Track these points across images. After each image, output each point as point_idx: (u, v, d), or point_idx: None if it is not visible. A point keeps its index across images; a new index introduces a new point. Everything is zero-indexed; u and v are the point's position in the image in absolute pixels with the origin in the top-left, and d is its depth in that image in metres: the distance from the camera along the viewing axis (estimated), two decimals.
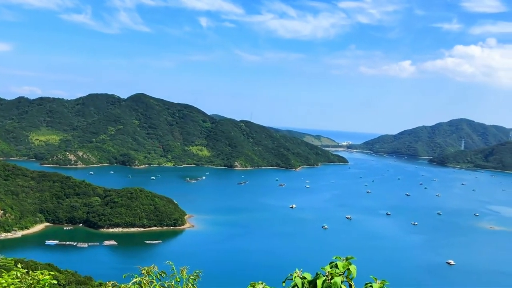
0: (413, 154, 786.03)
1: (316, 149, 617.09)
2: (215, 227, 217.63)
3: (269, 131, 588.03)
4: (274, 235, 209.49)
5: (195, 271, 11.45)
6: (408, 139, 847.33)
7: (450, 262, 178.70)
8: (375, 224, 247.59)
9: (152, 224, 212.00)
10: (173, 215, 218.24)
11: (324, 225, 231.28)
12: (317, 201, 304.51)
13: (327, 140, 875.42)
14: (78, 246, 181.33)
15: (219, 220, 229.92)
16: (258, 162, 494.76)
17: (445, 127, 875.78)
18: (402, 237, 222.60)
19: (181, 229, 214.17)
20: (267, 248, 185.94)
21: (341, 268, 8.04)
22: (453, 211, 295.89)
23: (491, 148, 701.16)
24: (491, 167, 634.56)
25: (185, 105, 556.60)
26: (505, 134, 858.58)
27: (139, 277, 10.73)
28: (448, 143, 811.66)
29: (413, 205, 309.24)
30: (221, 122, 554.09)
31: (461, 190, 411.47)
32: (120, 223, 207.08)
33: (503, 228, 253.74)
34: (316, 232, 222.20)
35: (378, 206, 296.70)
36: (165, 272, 11.04)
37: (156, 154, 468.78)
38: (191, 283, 11.26)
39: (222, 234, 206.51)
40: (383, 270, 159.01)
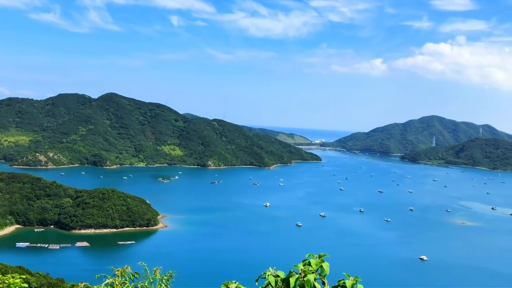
0: (385, 151, 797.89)
1: (290, 147, 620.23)
2: (188, 227, 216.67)
3: (242, 130, 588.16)
4: (248, 234, 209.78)
5: (168, 271, 11.38)
6: (380, 137, 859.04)
7: (422, 258, 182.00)
8: (349, 221, 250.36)
9: (124, 225, 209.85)
10: (146, 215, 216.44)
11: (298, 223, 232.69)
12: (291, 199, 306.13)
13: (300, 138, 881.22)
14: (50, 248, 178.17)
15: (192, 220, 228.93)
16: (232, 161, 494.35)
17: (417, 124, 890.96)
18: (375, 233, 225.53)
19: (154, 229, 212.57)
20: (241, 247, 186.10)
21: (314, 266, 8.11)
22: (425, 207, 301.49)
23: (462, 144, 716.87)
24: (462, 163, 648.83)
25: (157, 104, 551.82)
26: (475, 130, 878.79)
27: (112, 278, 10.58)
28: (419, 140, 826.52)
29: (386, 202, 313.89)
30: (193, 121, 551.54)
31: (433, 186, 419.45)
32: (92, 224, 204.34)
33: (474, 223, 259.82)
34: (290, 230, 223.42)
35: (352, 203, 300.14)
36: (138, 273, 10.94)
37: (128, 154, 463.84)
38: (164, 283, 11.18)
39: (196, 234, 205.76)
40: (356, 266, 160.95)
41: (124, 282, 10.63)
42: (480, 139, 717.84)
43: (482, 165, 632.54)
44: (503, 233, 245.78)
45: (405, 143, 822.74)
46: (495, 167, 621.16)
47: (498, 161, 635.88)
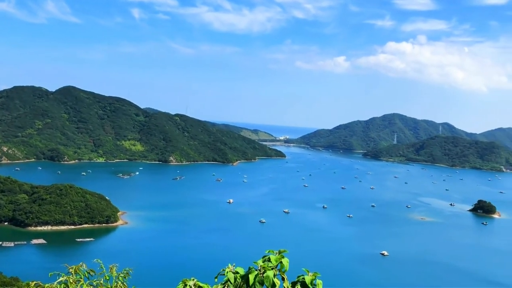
0: (348, 148, 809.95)
1: (254, 143, 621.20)
2: (149, 224, 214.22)
3: (205, 125, 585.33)
4: (210, 231, 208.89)
5: (125, 269, 11.27)
6: (343, 134, 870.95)
7: (383, 253, 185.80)
8: (312, 217, 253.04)
9: (83, 222, 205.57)
10: (105, 212, 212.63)
11: (262, 220, 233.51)
12: (254, 196, 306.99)
13: (264, 134, 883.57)
14: (4, 245, 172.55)
15: (153, 217, 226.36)
16: (194, 157, 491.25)
17: (379, 122, 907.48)
18: (338, 229, 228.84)
19: (114, 226, 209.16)
20: (203, 244, 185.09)
21: (274, 262, 8.15)
22: (386, 203, 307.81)
23: (422, 142, 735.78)
24: (422, 160, 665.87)
25: (117, 98, 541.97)
26: (435, 128, 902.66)
27: (65, 276, 10.23)
28: (381, 137, 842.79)
29: (349, 198, 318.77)
30: (155, 115, 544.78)
31: (394, 183, 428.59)
32: (49, 221, 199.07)
33: (433, 219, 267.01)
34: (254, 226, 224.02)
35: (315, 199, 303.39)
36: (94, 271, 10.72)
37: (86, 149, 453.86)
38: (121, 281, 11.02)
39: (157, 231, 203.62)
40: (319, 262, 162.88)
41: (78, 280, 10.33)
42: (440, 137, 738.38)
43: (442, 162, 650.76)
44: (461, 228, 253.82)
45: (367, 140, 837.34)
46: (453, 164, 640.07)
47: (456, 158, 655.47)
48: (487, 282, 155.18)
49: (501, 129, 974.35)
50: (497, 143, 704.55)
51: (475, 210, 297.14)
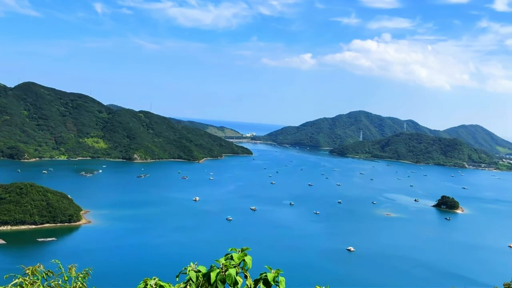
0: (315, 145, 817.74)
1: (220, 140, 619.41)
2: (113, 223, 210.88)
3: (170, 122, 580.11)
4: (176, 229, 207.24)
5: (84, 269, 10.95)
6: (310, 131, 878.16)
7: (350, 249, 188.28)
8: (279, 214, 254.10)
9: (44, 221, 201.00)
10: (67, 211, 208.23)
11: (228, 217, 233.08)
12: (221, 193, 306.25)
13: (231, 131, 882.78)
14: None
15: (117, 215, 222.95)
16: (159, 154, 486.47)
17: (345, 119, 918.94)
18: (305, 226, 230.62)
19: (77, 225, 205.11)
20: (167, 242, 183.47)
21: (237, 260, 8.17)
22: (353, 199, 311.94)
23: (387, 139, 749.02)
24: (387, 157, 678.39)
25: (79, 95, 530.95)
26: (399, 125, 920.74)
27: (21, 278, 9.78)
28: (347, 134, 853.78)
29: (316, 195, 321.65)
30: (118, 112, 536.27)
31: (360, 179, 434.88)
32: (8, 220, 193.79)
33: (398, 215, 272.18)
34: (220, 224, 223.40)
35: (282, 196, 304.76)
36: (52, 271, 10.37)
37: (48, 147, 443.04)
38: (80, 281, 10.74)
39: (121, 230, 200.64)
40: (286, 258, 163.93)
41: (35, 282, 9.91)
42: (404, 134, 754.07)
43: (406, 159, 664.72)
44: (425, 224, 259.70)
45: (334, 137, 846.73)
46: (418, 160, 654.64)
47: (420, 155, 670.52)
48: (449, 275, 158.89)
49: (463, 126, 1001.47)
50: (460, 140, 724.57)
51: (439, 205, 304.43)
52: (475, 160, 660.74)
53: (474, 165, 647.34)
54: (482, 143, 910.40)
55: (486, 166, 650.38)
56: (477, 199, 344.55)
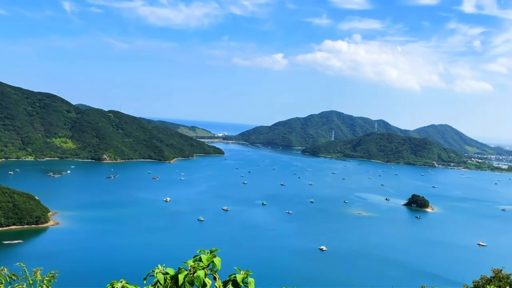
0: (287, 144, 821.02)
1: (191, 140, 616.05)
2: (82, 224, 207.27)
3: (140, 122, 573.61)
4: (146, 230, 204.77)
5: (50, 272, 10.75)
6: (282, 130, 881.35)
7: (322, 248, 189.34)
8: (251, 214, 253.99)
9: (10, 223, 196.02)
10: (35, 212, 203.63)
11: (200, 218, 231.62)
12: (192, 194, 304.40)
13: (202, 131, 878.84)
14: None
15: (87, 216, 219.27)
16: (129, 155, 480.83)
17: (317, 119, 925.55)
18: (277, 225, 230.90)
19: (45, 227, 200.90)
20: (137, 244, 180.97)
21: (205, 261, 8.09)
22: (325, 198, 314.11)
23: (359, 138, 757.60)
24: (358, 156, 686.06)
25: (47, 94, 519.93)
26: (370, 125, 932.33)
27: None
28: (319, 134, 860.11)
29: (288, 194, 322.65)
30: (87, 112, 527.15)
31: (332, 179, 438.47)
32: None
33: (369, 213, 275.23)
34: (192, 225, 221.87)
35: (254, 196, 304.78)
36: (16, 275, 10.16)
37: (14, 147, 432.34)
38: (46, 284, 10.54)
39: (90, 231, 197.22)
40: (257, 259, 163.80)
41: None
42: (375, 133, 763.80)
43: (377, 158, 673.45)
44: (396, 222, 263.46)
45: (306, 137, 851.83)
46: (388, 160, 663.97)
47: (391, 154, 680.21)
48: (420, 273, 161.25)
49: (433, 125, 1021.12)
50: (430, 140, 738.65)
51: (409, 204, 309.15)
52: (445, 159, 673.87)
53: (444, 164, 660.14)
54: (451, 142, 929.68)
55: (455, 165, 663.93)
56: (447, 198, 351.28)
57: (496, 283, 34.74)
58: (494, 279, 38.76)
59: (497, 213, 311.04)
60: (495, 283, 35.23)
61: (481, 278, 41.41)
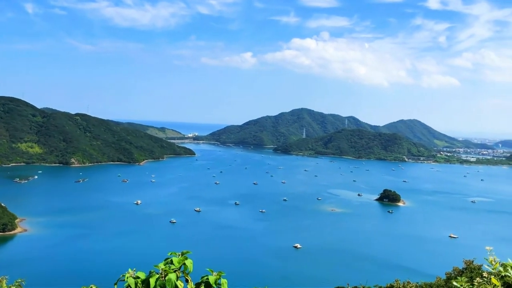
0: (259, 143, 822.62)
1: (161, 141, 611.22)
2: (51, 230, 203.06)
3: (108, 124, 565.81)
4: (117, 234, 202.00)
5: (16, 280, 10.30)
6: (253, 129, 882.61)
7: (296, 246, 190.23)
8: (224, 214, 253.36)
9: None
10: (1, 219, 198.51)
11: (172, 220, 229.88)
12: (164, 196, 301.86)
13: (172, 132, 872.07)
14: None
15: (56, 222, 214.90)
16: (98, 158, 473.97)
17: (288, 117, 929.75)
18: (251, 225, 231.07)
19: (12, 235, 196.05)
20: (108, 248, 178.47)
21: (177, 264, 8.04)
22: (298, 196, 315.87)
23: (330, 135, 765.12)
24: (330, 153, 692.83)
25: (11, 98, 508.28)
26: (341, 122, 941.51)
27: None
28: (291, 131, 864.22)
29: (261, 193, 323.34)
30: (53, 116, 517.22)
31: (304, 176, 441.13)
32: None
33: (342, 209, 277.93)
34: (164, 227, 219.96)
35: (227, 196, 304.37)
36: None
37: None
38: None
39: (59, 237, 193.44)
40: (231, 259, 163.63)
41: None
42: (346, 130, 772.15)
43: (348, 155, 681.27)
44: (369, 217, 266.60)
45: (277, 135, 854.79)
46: (360, 156, 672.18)
47: (362, 150, 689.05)
48: (394, 267, 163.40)
49: (402, 121, 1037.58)
50: (399, 135, 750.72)
51: (381, 199, 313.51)
52: (414, 154, 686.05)
53: (414, 158, 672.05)
54: (420, 137, 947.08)
55: (425, 159, 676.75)
56: (418, 192, 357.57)
57: (468, 274, 35.26)
58: (466, 270, 39.45)
59: (467, 205, 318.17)
60: (467, 274, 35.75)
61: (454, 269, 42.12)
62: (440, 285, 40.16)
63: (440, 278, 42.97)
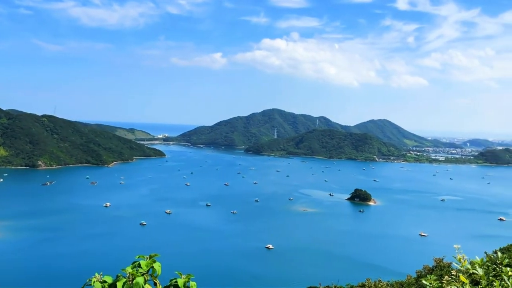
0: (230, 144, 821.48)
1: (130, 143, 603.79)
2: (17, 234, 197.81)
3: (76, 126, 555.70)
4: (85, 237, 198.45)
5: None
6: (224, 130, 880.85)
7: (268, 246, 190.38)
8: (195, 216, 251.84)
9: None
10: None
11: (142, 222, 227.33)
12: (134, 198, 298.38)
13: (141, 133, 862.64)
14: None
15: (22, 226, 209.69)
16: (66, 160, 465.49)
17: (259, 117, 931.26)
18: (222, 226, 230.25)
19: None
20: (76, 252, 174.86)
21: (144, 267, 7.93)
22: (270, 197, 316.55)
23: (301, 136, 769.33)
24: (301, 153, 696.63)
25: None
26: (312, 122, 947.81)
27: None
28: (262, 132, 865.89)
29: (232, 194, 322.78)
30: (19, 117, 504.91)
31: (276, 177, 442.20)
32: None
33: (314, 209, 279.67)
34: (134, 230, 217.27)
35: (198, 197, 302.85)
36: None
37: None
38: None
39: (25, 241, 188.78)
40: (202, 261, 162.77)
41: None
42: (317, 130, 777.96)
43: (320, 155, 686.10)
44: (340, 217, 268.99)
45: (248, 136, 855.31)
46: (331, 156, 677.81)
47: (333, 150, 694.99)
48: (365, 265, 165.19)
49: (372, 121, 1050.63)
50: (370, 135, 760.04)
51: (353, 198, 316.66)
52: (385, 153, 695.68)
53: (384, 158, 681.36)
54: (390, 136, 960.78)
55: (395, 158, 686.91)
56: (388, 191, 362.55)
57: (438, 272, 35.73)
58: (436, 268, 40.03)
59: (437, 203, 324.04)
60: (437, 272, 36.24)
61: (424, 267, 42.70)
62: (411, 284, 40.63)
63: (410, 277, 43.48)
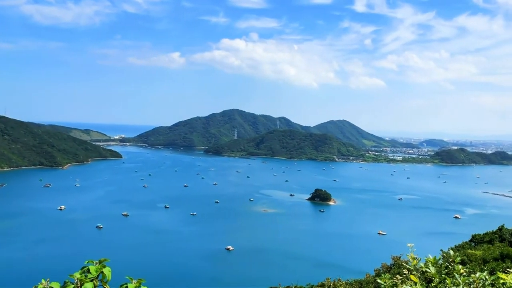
0: (189, 145, 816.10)
1: (86, 144, 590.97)
2: None
3: (29, 127, 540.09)
4: (39, 241, 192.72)
5: None
6: (183, 130, 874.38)
7: (229, 248, 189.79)
8: (154, 218, 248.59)
9: None
10: None
11: (99, 225, 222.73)
12: (89, 200, 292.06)
13: (97, 134, 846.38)
14: None
15: None
16: (18, 162, 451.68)
17: (219, 118, 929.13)
18: (182, 228, 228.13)
19: None
20: (24, 257, 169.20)
21: (94, 272, 7.74)
22: (230, 198, 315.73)
23: (262, 136, 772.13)
24: (262, 154, 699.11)
25: None
26: (273, 122, 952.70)
27: None
28: (222, 133, 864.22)
29: (192, 196, 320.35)
30: None
31: (236, 178, 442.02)
32: None
33: (274, 210, 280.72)
34: (89, 233, 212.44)
35: (156, 199, 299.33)
36: None
37: None
38: None
39: None
40: (159, 265, 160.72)
41: None
42: (278, 131, 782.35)
43: (280, 155, 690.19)
44: (300, 217, 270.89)
45: (208, 136, 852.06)
46: (291, 156, 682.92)
47: (294, 150, 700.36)
48: (325, 265, 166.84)
49: (332, 121, 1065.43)
50: (329, 135, 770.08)
51: (313, 198, 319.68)
52: (344, 153, 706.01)
53: (343, 158, 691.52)
54: (350, 137, 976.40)
55: (354, 158, 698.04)
56: (348, 190, 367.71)
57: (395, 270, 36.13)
58: (393, 266, 40.57)
59: (395, 202, 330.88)
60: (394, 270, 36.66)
61: (382, 266, 43.19)
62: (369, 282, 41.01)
63: (369, 275, 43.91)
